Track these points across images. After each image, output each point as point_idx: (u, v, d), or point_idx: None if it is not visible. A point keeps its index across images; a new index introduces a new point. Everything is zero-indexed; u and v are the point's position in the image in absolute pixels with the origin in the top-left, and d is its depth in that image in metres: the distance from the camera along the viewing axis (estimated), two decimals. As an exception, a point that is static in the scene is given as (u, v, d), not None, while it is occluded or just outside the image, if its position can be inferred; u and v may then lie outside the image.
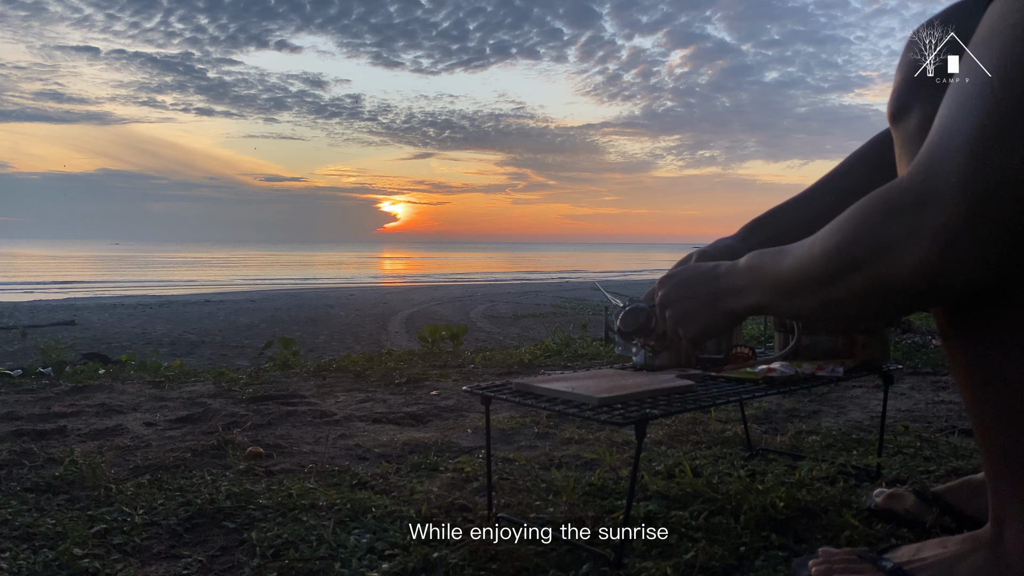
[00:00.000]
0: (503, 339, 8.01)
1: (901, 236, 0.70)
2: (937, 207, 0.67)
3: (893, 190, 0.72)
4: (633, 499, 1.18)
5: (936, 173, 0.68)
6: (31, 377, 3.07)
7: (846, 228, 0.77)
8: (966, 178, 0.65)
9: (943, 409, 2.25)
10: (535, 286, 21.69)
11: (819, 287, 0.80)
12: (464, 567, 1.09)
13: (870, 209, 0.74)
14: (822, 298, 0.81)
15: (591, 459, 1.72)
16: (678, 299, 1.03)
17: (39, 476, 1.56)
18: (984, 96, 0.66)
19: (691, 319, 1.02)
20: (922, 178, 0.69)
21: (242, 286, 22.10)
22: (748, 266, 0.94)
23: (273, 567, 1.12)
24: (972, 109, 0.67)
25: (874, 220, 0.73)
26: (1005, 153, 0.64)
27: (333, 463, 1.70)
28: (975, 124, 0.66)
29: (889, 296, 0.74)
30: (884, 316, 0.80)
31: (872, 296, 0.75)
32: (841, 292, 0.78)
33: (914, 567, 0.93)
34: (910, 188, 0.70)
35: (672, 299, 1.04)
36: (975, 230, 0.65)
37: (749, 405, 2.21)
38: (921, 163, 0.70)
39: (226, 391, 2.66)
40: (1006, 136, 0.64)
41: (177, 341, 8.50)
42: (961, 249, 0.66)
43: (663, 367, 1.44)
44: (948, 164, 0.67)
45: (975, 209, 0.65)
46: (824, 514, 1.28)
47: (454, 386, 2.76)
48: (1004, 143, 0.64)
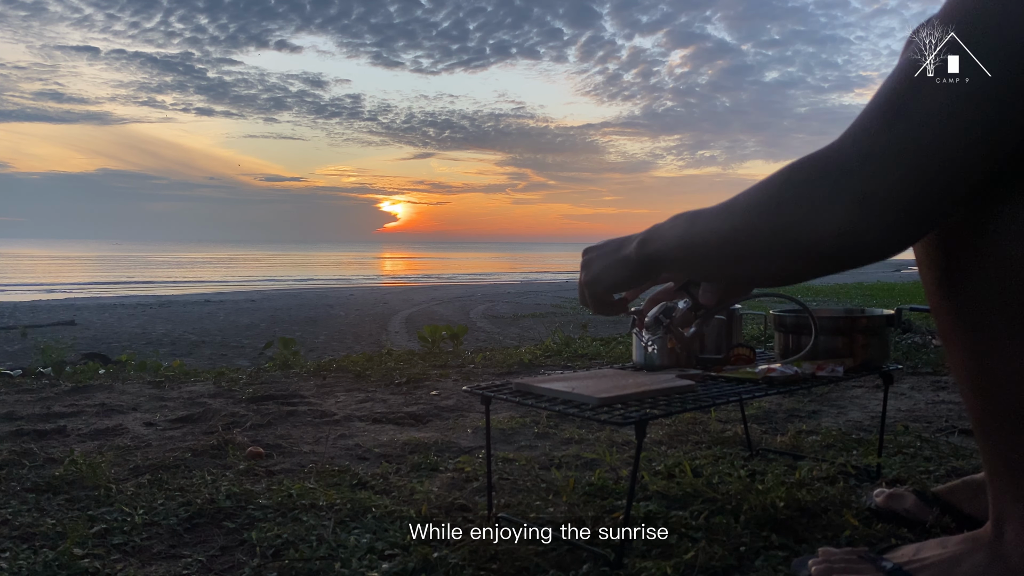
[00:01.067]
0: (503, 339, 8.01)
1: (820, 196, 0.72)
2: (863, 173, 0.69)
3: (822, 154, 0.74)
4: (633, 499, 1.18)
5: (866, 139, 0.70)
6: (31, 377, 3.07)
7: (771, 185, 0.78)
8: (892, 148, 0.68)
9: (943, 409, 2.25)
10: (535, 286, 21.69)
11: (729, 242, 0.81)
12: (464, 567, 1.09)
13: (798, 169, 0.76)
14: (729, 255, 0.81)
15: (591, 459, 1.72)
16: (593, 258, 1.01)
17: (39, 476, 1.56)
18: (904, 68, 0.70)
19: (591, 267, 1.00)
20: (851, 143, 0.71)
21: (242, 286, 22.10)
22: (663, 223, 0.93)
23: (273, 567, 1.12)
24: (894, 80, 0.70)
25: (798, 179, 0.75)
26: (933, 128, 0.66)
27: (333, 463, 1.70)
28: (911, 97, 0.69)
29: (799, 256, 0.75)
30: (784, 277, 0.80)
31: (782, 255, 0.76)
32: (750, 247, 0.78)
33: (914, 567, 0.93)
34: (839, 152, 0.72)
35: (589, 258, 1.02)
36: (895, 199, 0.68)
37: (749, 405, 2.21)
38: (852, 129, 0.72)
39: (226, 391, 2.66)
40: (937, 112, 0.66)
41: (177, 341, 8.50)
42: (881, 217, 0.69)
43: (663, 367, 1.44)
44: (879, 133, 0.69)
45: (898, 179, 0.67)
46: (824, 514, 1.28)
47: (454, 386, 2.76)
48: (935, 118, 0.66)
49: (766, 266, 0.79)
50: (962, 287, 0.80)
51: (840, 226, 0.70)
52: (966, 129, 0.66)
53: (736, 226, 0.80)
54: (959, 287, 0.81)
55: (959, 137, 0.66)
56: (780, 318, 1.50)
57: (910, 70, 0.70)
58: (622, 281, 0.98)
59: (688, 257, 0.87)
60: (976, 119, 0.66)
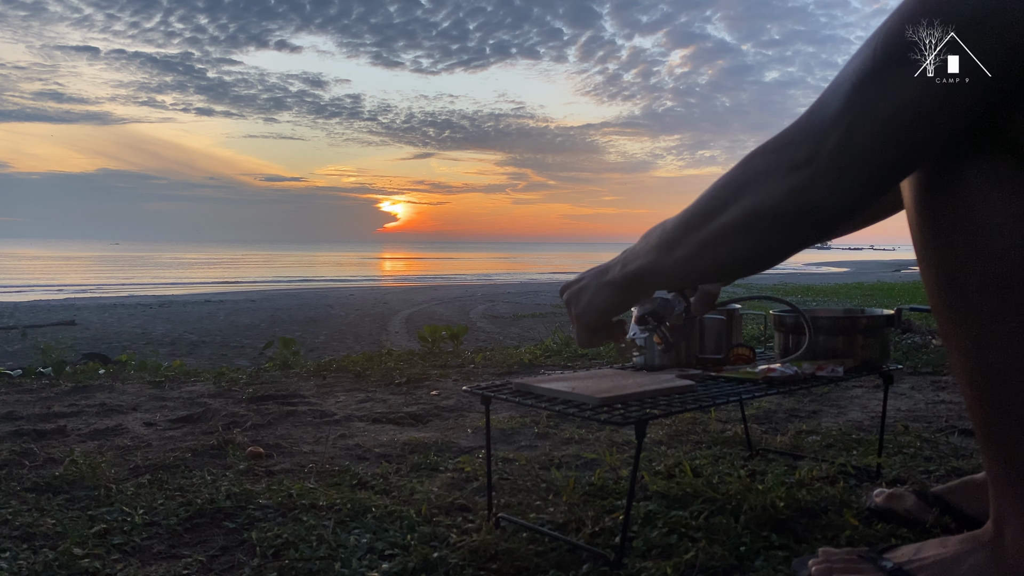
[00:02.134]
0: (503, 339, 8.01)
1: (778, 167, 0.76)
2: (814, 138, 0.74)
3: (783, 131, 0.78)
4: (633, 499, 1.18)
5: (818, 109, 0.75)
6: (31, 377, 3.07)
7: (733, 170, 0.82)
8: (838, 112, 0.72)
9: (943, 409, 2.25)
10: (535, 286, 21.68)
11: (698, 230, 0.83)
12: (464, 567, 1.09)
13: (758, 150, 0.80)
14: (700, 241, 0.83)
15: (591, 459, 1.72)
16: (574, 293, 1.02)
17: (39, 476, 1.56)
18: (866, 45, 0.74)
19: (579, 299, 1.00)
20: (806, 116, 0.76)
21: (242, 286, 22.09)
22: (636, 243, 0.95)
23: (273, 567, 1.12)
24: (858, 55, 0.74)
25: (757, 157, 0.79)
26: (874, 92, 0.71)
27: (333, 463, 1.70)
28: (856, 67, 0.73)
29: (762, 227, 0.78)
30: (752, 258, 0.82)
31: (746, 229, 0.79)
32: (717, 230, 0.81)
33: (914, 567, 0.93)
34: (794, 126, 0.77)
35: (570, 294, 1.02)
36: (840, 159, 0.72)
37: (749, 405, 2.21)
38: (810, 107, 0.77)
39: (226, 391, 2.66)
40: (877, 78, 0.71)
41: (177, 341, 8.49)
42: (829, 176, 0.73)
43: (663, 367, 1.44)
44: (829, 102, 0.74)
45: (842, 140, 0.72)
46: (824, 514, 1.28)
47: (454, 386, 2.76)
48: (875, 84, 0.71)
49: (740, 247, 0.81)
50: (963, 286, 0.80)
51: (792, 187, 0.75)
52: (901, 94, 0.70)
53: (703, 215, 0.83)
54: (960, 286, 0.81)
55: (895, 101, 0.70)
56: (780, 318, 1.50)
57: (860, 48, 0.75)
58: (613, 305, 0.98)
59: (667, 262, 0.88)
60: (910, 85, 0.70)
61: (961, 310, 0.82)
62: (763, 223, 0.78)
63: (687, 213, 0.86)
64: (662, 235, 0.89)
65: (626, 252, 0.97)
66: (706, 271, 0.86)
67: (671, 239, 0.87)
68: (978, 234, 0.78)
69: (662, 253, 0.89)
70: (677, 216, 0.88)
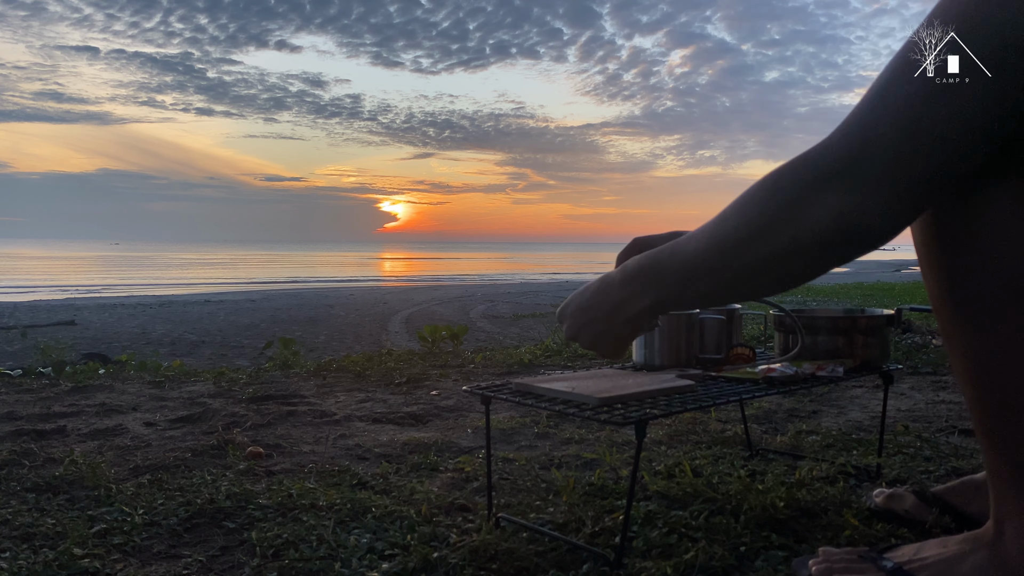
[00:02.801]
0: (503, 339, 8.01)
1: (820, 191, 0.72)
2: (861, 162, 0.70)
3: (815, 151, 0.74)
4: (633, 499, 1.18)
5: (862, 130, 0.71)
6: (31, 377, 3.07)
7: (763, 192, 0.77)
8: (887, 135, 0.69)
9: (943, 409, 2.25)
10: (535, 286, 21.68)
11: (730, 261, 0.79)
12: (464, 567, 1.09)
13: (787, 172, 0.76)
14: (735, 274, 0.80)
15: (591, 459, 1.72)
16: (580, 328, 0.99)
17: (39, 476, 1.56)
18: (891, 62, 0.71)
19: (599, 340, 0.98)
20: (844, 137, 0.72)
21: (242, 286, 22.08)
22: (638, 268, 0.90)
23: (273, 567, 1.12)
24: (906, 72, 0.70)
25: (795, 179, 0.75)
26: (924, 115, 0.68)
27: (333, 463, 1.70)
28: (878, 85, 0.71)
29: (807, 255, 0.75)
30: (791, 282, 0.80)
31: (789, 258, 0.76)
32: (754, 263, 0.77)
33: (914, 567, 0.93)
34: (833, 147, 0.73)
35: (576, 329, 0.99)
36: (892, 182, 0.69)
37: (749, 405, 2.21)
38: (846, 125, 0.73)
39: (226, 391, 2.66)
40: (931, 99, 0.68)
41: (177, 341, 8.49)
42: (879, 200, 0.70)
43: (663, 367, 1.44)
44: (875, 124, 0.70)
45: (893, 163, 0.69)
46: (824, 514, 1.28)
47: (454, 386, 2.76)
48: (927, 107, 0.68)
49: (782, 277, 0.79)
50: (964, 286, 0.80)
51: (840, 213, 0.71)
52: (948, 114, 0.67)
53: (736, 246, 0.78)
54: (961, 286, 0.81)
55: (941, 121, 0.68)
56: (780, 318, 1.50)
57: (897, 62, 0.71)
58: (634, 337, 0.97)
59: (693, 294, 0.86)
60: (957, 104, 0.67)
61: (962, 310, 0.82)
62: (809, 251, 0.74)
63: (713, 243, 0.81)
64: (682, 266, 0.84)
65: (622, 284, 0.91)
66: (738, 299, 0.85)
67: (696, 271, 0.83)
68: (982, 235, 0.78)
69: (681, 285, 0.85)
70: (698, 244, 0.83)
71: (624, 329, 0.95)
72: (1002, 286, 0.77)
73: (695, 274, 0.83)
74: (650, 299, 0.89)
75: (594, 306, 0.96)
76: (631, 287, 0.91)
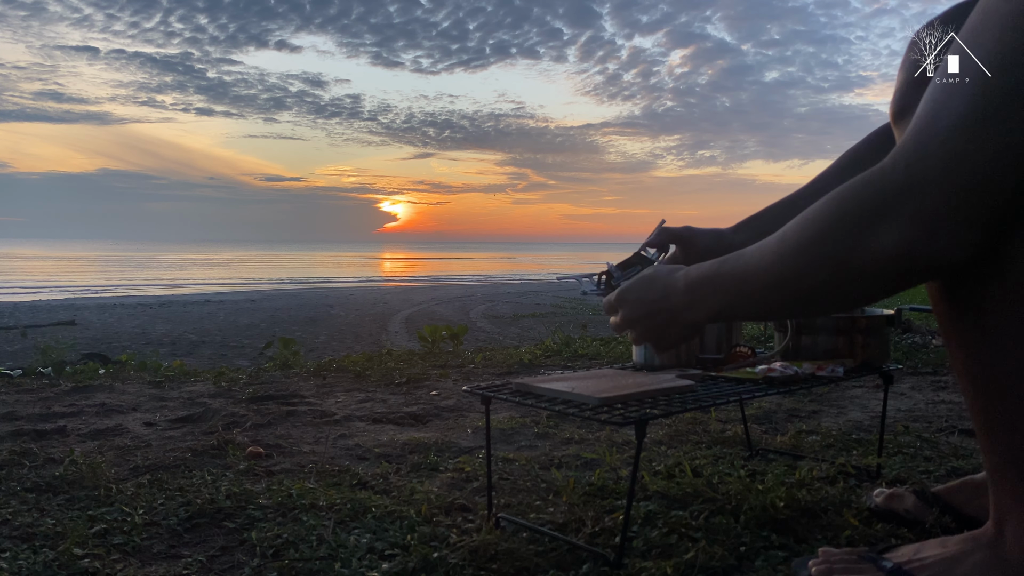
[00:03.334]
0: (503, 339, 8.01)
1: (883, 222, 0.71)
2: (921, 192, 0.68)
3: (875, 177, 0.73)
4: (633, 499, 1.18)
5: (921, 158, 0.69)
6: (31, 377, 3.07)
7: (822, 218, 0.77)
8: (951, 162, 0.67)
9: (943, 409, 2.25)
10: (535, 286, 21.68)
11: (792, 281, 0.80)
12: (464, 567, 1.09)
13: (850, 197, 0.75)
14: (792, 292, 0.81)
15: (591, 459, 1.72)
16: (639, 319, 1.01)
17: (39, 476, 1.56)
18: (973, 83, 0.68)
19: (659, 337, 1.01)
20: (905, 163, 0.71)
21: (242, 286, 22.08)
22: (702, 276, 0.92)
23: (273, 567, 1.12)
24: (960, 95, 0.68)
25: (854, 208, 0.74)
26: (990, 138, 0.66)
27: (333, 463, 1.70)
28: (962, 110, 0.68)
29: (862, 283, 0.75)
30: (848, 306, 0.81)
31: (845, 285, 0.76)
32: (813, 284, 0.78)
33: (914, 567, 0.93)
34: (893, 174, 0.71)
35: (634, 320, 1.02)
36: (959, 213, 0.67)
37: (749, 405, 2.21)
38: (904, 149, 0.71)
39: (226, 391, 2.66)
40: (991, 122, 0.66)
41: (177, 341, 8.50)
42: (946, 232, 0.68)
43: (663, 367, 1.44)
44: (933, 149, 0.68)
45: (959, 193, 0.67)
46: (824, 514, 1.28)
47: (454, 386, 2.76)
48: (989, 129, 0.66)
49: (839, 303, 0.79)
50: (964, 286, 0.80)
51: (901, 245, 0.70)
52: (1007, 135, 0.66)
53: (795, 274, 0.79)
54: (961, 286, 0.81)
55: (1002, 145, 0.66)
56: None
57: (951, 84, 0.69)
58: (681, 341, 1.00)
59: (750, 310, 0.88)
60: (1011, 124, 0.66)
61: (963, 310, 0.82)
62: (871, 280, 0.74)
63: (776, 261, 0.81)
64: (743, 280, 0.86)
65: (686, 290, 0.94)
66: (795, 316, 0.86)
67: (756, 287, 0.84)
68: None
69: (743, 299, 0.87)
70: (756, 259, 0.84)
71: (683, 332, 0.98)
72: (1002, 286, 0.77)
73: (757, 291, 0.85)
74: (712, 309, 0.91)
75: (656, 302, 0.98)
76: (694, 294, 0.93)
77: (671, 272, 0.98)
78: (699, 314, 0.93)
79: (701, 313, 0.93)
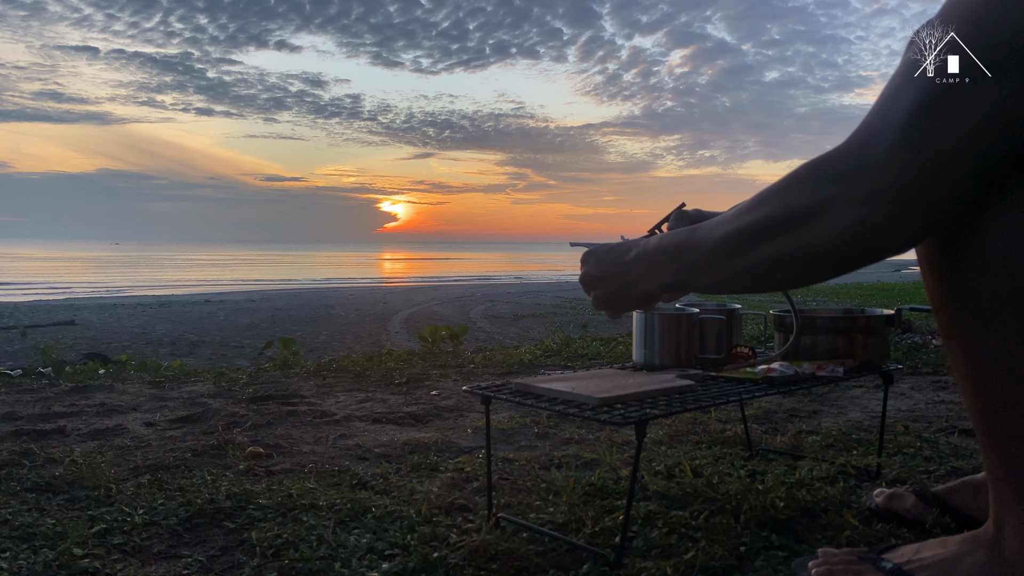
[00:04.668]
0: (503, 339, 8.01)
1: (833, 200, 0.73)
2: (871, 173, 0.70)
3: (827, 157, 0.75)
4: (633, 499, 1.18)
5: (872, 140, 0.71)
6: (31, 377, 3.07)
7: (776, 195, 0.79)
8: (903, 145, 0.68)
9: (943, 409, 2.25)
10: (535, 286, 21.68)
11: (740, 257, 0.81)
12: (464, 567, 1.09)
13: (803, 175, 0.76)
14: (743, 269, 0.82)
15: (591, 459, 1.72)
16: (595, 279, 1.03)
17: (39, 476, 1.56)
18: (902, 68, 0.70)
19: (612, 303, 1.03)
20: (858, 145, 0.72)
21: (242, 286, 22.07)
22: (659, 247, 0.94)
23: (273, 567, 1.12)
24: (918, 80, 0.70)
25: (806, 185, 0.76)
26: (935, 125, 0.67)
27: (333, 463, 1.70)
28: (918, 94, 0.69)
29: (813, 261, 0.76)
30: (800, 283, 0.82)
31: (795, 261, 0.77)
32: (764, 261, 0.79)
33: (914, 567, 0.93)
34: (846, 154, 0.73)
35: (591, 280, 1.04)
36: (910, 195, 0.69)
37: (749, 405, 2.21)
38: (858, 131, 0.73)
39: (226, 391, 2.66)
40: (946, 105, 0.67)
41: (177, 341, 8.49)
42: (890, 214, 0.70)
43: (663, 367, 1.44)
44: (888, 131, 0.70)
45: (910, 174, 0.68)
46: (824, 514, 1.28)
47: (454, 386, 2.76)
48: (944, 111, 0.67)
49: (789, 277, 0.80)
50: (964, 286, 0.80)
51: (851, 225, 0.71)
52: (965, 125, 0.67)
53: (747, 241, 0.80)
54: (961, 286, 0.81)
55: (959, 132, 0.67)
56: (780, 318, 1.50)
57: (909, 70, 0.70)
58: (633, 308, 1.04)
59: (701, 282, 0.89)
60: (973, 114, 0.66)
61: (962, 310, 0.81)
62: (817, 257, 0.75)
63: (731, 234, 0.82)
64: (696, 251, 0.87)
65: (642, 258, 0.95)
66: (746, 291, 0.87)
67: (713, 259, 0.85)
68: (983, 236, 0.77)
69: (695, 271, 0.88)
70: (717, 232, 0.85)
71: (637, 300, 0.99)
72: (1002, 287, 0.77)
73: (712, 262, 0.86)
74: (668, 278, 0.92)
75: (615, 265, 1.00)
76: (652, 263, 0.94)
77: (638, 241, 1.00)
78: (652, 283, 0.95)
79: (655, 283, 0.94)
